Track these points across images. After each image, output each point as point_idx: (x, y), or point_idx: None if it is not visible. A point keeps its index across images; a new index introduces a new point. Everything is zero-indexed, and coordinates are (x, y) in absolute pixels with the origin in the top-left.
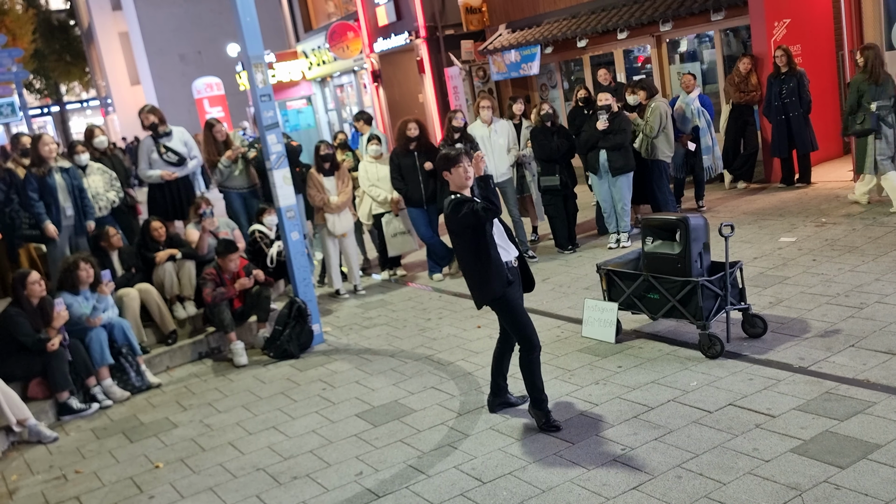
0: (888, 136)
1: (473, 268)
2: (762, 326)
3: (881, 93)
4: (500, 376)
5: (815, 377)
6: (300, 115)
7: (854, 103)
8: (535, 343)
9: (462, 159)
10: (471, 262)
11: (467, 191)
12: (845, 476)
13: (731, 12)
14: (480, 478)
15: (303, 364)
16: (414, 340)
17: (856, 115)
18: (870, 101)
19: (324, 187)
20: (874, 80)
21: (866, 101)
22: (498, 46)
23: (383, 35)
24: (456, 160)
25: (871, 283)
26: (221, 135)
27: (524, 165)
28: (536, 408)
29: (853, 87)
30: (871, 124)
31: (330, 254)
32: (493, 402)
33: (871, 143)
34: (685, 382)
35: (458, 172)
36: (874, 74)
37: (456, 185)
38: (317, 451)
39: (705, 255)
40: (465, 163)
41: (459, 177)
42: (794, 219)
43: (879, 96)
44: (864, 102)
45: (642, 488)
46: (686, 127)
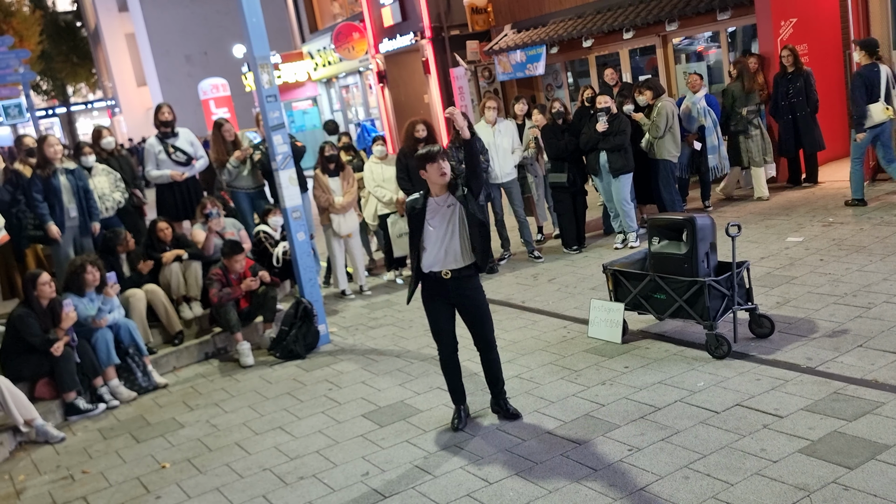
0: (755, 137)
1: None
2: (769, 326)
3: (750, 99)
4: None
5: (822, 377)
6: (306, 116)
7: (729, 108)
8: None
9: (439, 157)
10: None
11: (441, 188)
12: (854, 477)
13: (738, 12)
14: (487, 478)
15: (309, 364)
16: (420, 341)
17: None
18: (741, 107)
19: (329, 188)
20: (745, 89)
21: (738, 107)
22: (503, 47)
23: (389, 36)
24: (433, 158)
25: (879, 283)
26: (230, 135)
27: (526, 167)
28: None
29: (727, 94)
30: (741, 126)
31: (335, 254)
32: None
33: (742, 143)
34: (692, 383)
35: (433, 169)
36: (745, 84)
37: (431, 181)
38: (323, 451)
39: (712, 255)
40: (442, 161)
41: (434, 174)
42: (801, 218)
43: (748, 103)
44: (736, 108)
45: (649, 489)
46: (692, 126)
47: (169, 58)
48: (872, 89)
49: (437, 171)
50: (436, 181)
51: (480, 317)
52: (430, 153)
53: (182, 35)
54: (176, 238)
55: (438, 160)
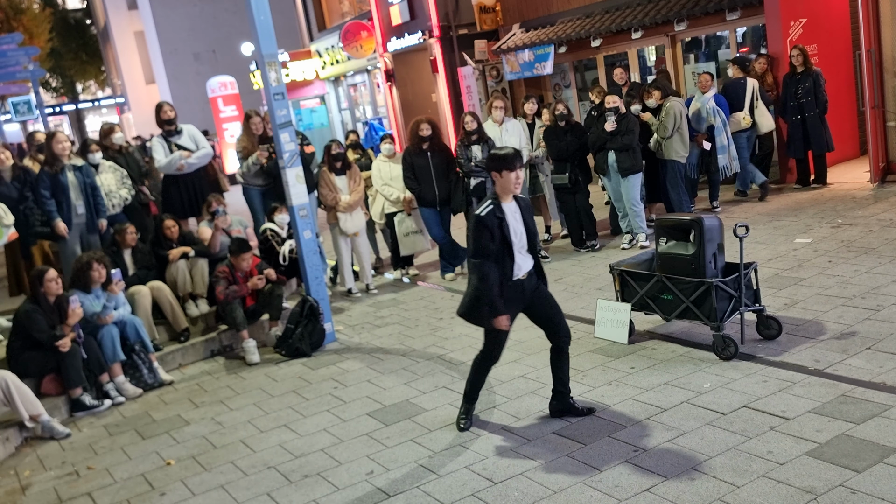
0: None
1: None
2: (777, 328)
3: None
4: (557, 381)
5: (830, 380)
6: (313, 115)
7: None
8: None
9: (517, 164)
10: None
11: (509, 197)
12: (861, 480)
13: (747, 12)
14: (492, 478)
15: (314, 363)
16: (426, 340)
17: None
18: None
19: (335, 186)
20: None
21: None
22: (511, 46)
23: (397, 34)
24: (511, 164)
25: (887, 286)
26: (258, 128)
27: (537, 166)
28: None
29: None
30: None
31: (342, 253)
32: (553, 407)
33: None
34: (699, 384)
35: (508, 178)
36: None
37: (501, 188)
38: (328, 449)
39: (720, 255)
40: (519, 169)
41: (509, 182)
42: (809, 220)
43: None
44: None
45: (655, 490)
46: (701, 126)
47: (177, 56)
48: (737, 101)
49: (514, 179)
50: (511, 190)
51: (557, 305)
52: (509, 158)
53: (191, 33)
54: (182, 235)
55: (517, 169)
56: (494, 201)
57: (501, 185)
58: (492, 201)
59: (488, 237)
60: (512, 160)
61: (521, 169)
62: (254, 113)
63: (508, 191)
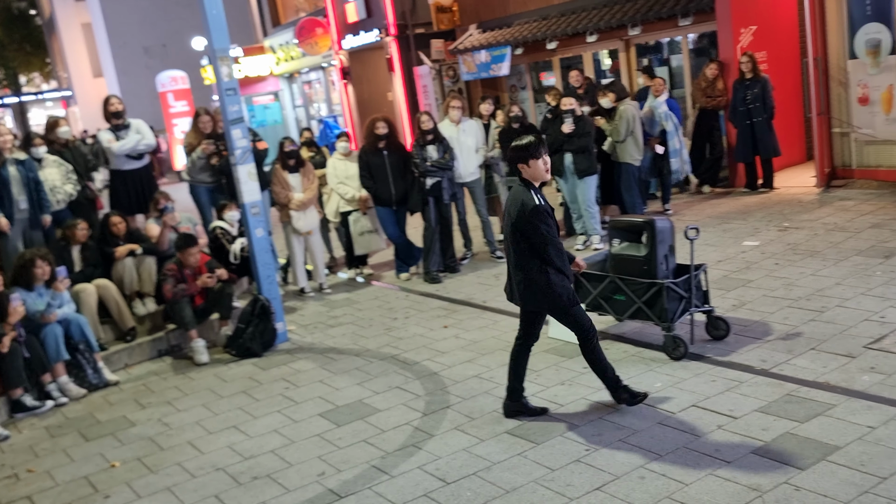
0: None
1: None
2: (725, 329)
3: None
4: (517, 379)
5: (776, 379)
6: (267, 111)
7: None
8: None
9: (543, 150)
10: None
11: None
12: (805, 477)
13: (699, 18)
14: (444, 478)
15: (266, 363)
16: (380, 340)
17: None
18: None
19: (288, 184)
20: None
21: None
22: (468, 46)
23: (353, 32)
24: (536, 151)
25: (831, 287)
26: (206, 126)
27: (492, 167)
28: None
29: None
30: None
31: (295, 252)
32: (508, 407)
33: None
34: (650, 383)
35: (536, 166)
36: None
37: (532, 177)
38: (278, 450)
39: (671, 257)
40: (545, 154)
41: (538, 170)
42: (757, 223)
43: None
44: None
45: (605, 489)
46: (654, 130)
47: (126, 49)
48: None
49: (541, 167)
50: (543, 177)
51: None
52: (532, 146)
53: (140, 26)
54: (129, 232)
55: (544, 154)
56: (534, 189)
57: (532, 174)
58: (532, 190)
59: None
60: (536, 147)
61: (546, 154)
62: (203, 111)
63: (540, 178)
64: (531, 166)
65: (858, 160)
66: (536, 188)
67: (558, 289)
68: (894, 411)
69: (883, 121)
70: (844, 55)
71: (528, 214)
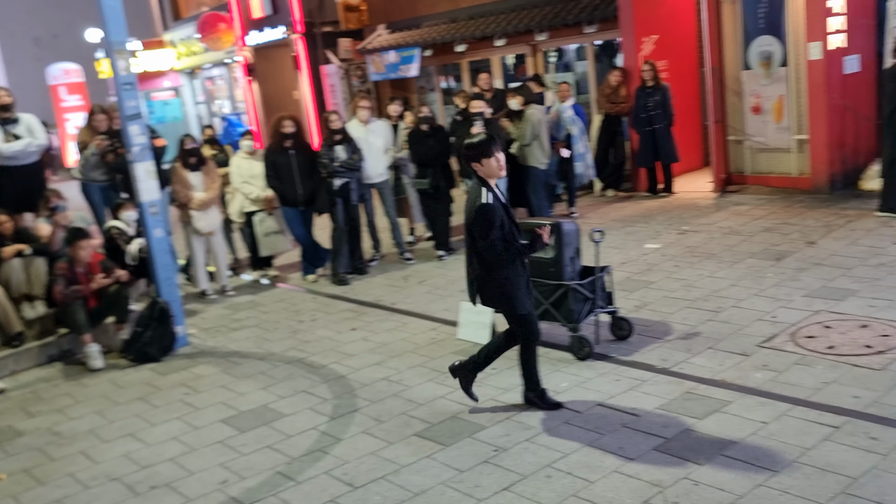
0: None
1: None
2: (628, 329)
3: None
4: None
5: (676, 377)
6: (167, 108)
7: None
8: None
9: (494, 148)
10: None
11: (493, 182)
12: (704, 472)
13: (603, 26)
14: (352, 483)
15: (165, 368)
16: (285, 343)
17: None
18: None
19: (189, 183)
20: None
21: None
22: (377, 46)
23: (257, 28)
24: (488, 149)
25: (727, 289)
26: (100, 124)
27: (401, 168)
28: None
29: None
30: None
31: (196, 253)
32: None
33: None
34: (556, 383)
35: (489, 164)
36: None
37: (486, 174)
38: (178, 458)
39: (577, 259)
40: (497, 151)
41: (491, 167)
42: (658, 226)
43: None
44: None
45: (513, 489)
46: (560, 134)
47: (14, 39)
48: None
49: (496, 163)
50: (497, 174)
51: None
52: (484, 144)
53: (30, 15)
54: (17, 232)
55: (496, 153)
56: (487, 187)
57: (486, 172)
58: (485, 188)
59: (499, 223)
60: (487, 145)
61: (500, 153)
62: (98, 109)
63: (494, 176)
64: (484, 165)
65: (752, 167)
66: (490, 186)
67: (506, 289)
68: (786, 407)
69: (774, 129)
70: (739, 66)
71: (475, 212)
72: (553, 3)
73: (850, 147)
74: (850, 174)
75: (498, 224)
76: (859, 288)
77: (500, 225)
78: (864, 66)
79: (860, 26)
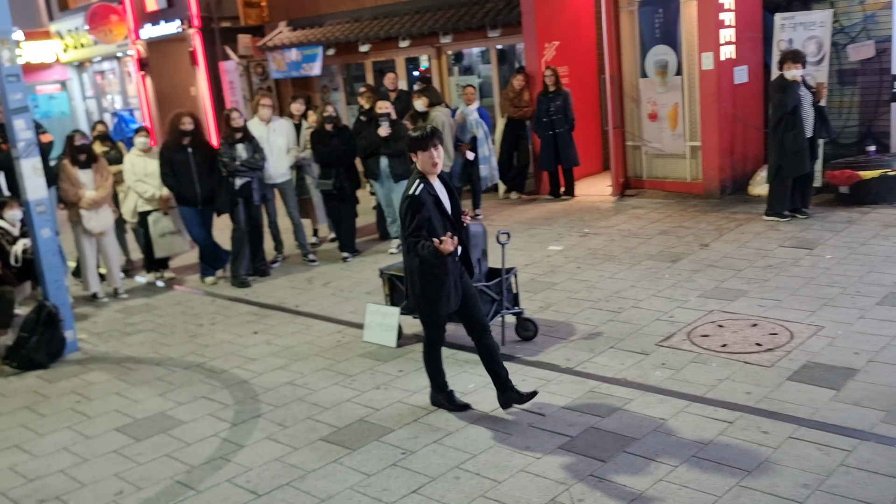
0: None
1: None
2: (533, 329)
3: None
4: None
5: (580, 377)
6: (53, 102)
7: None
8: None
9: (430, 143)
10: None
11: (433, 176)
12: (607, 468)
13: (507, 30)
14: (256, 490)
15: (53, 375)
16: (183, 348)
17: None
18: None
19: (79, 181)
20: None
21: None
22: (278, 44)
23: (151, 21)
24: (423, 143)
25: (627, 290)
26: None
27: (304, 168)
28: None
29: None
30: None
31: (86, 254)
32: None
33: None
34: (464, 384)
35: (423, 158)
36: None
37: (421, 168)
38: (69, 470)
39: (483, 261)
40: (433, 148)
41: (424, 162)
42: (560, 228)
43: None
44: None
45: (422, 491)
46: (465, 136)
47: None
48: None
49: (429, 159)
50: (429, 170)
51: (476, 296)
52: (419, 139)
53: None
54: None
55: (430, 148)
56: (423, 179)
57: (420, 164)
58: (420, 179)
59: (426, 215)
60: (422, 140)
61: (436, 148)
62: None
63: (427, 171)
64: (418, 157)
65: (648, 171)
66: (426, 178)
67: (425, 284)
68: (684, 403)
69: (670, 136)
70: (637, 74)
71: (402, 202)
72: (457, 7)
73: (739, 154)
74: (740, 180)
75: (426, 217)
76: (749, 288)
77: (427, 218)
78: (751, 76)
79: (748, 39)
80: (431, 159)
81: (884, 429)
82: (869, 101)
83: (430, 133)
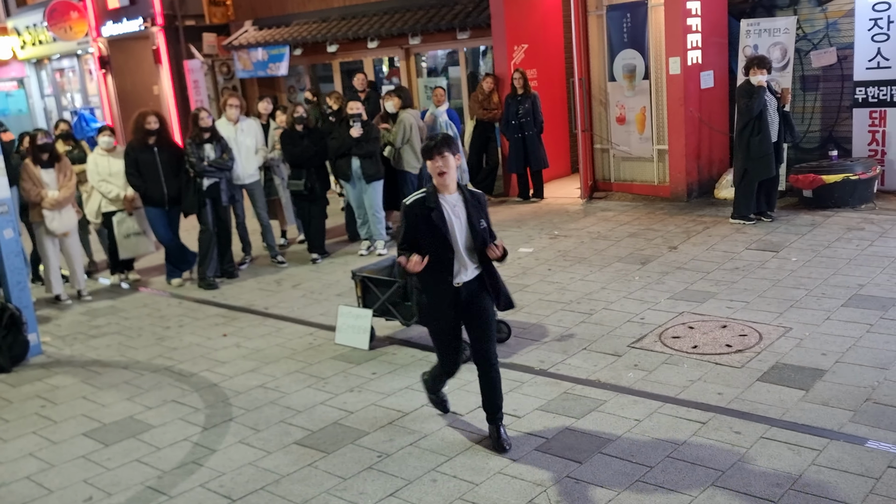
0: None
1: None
2: (507, 331)
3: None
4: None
5: (554, 378)
6: (9, 99)
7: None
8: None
9: (435, 152)
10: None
11: (449, 188)
12: (583, 470)
13: (476, 33)
14: (230, 495)
15: (16, 379)
16: (151, 350)
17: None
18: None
19: (41, 181)
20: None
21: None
22: (244, 43)
23: (113, 19)
24: (429, 152)
25: (598, 291)
26: None
27: (273, 168)
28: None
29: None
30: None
31: (48, 255)
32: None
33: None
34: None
35: (429, 167)
36: None
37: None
38: (35, 476)
39: None
40: (440, 159)
41: (432, 173)
42: (530, 231)
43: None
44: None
45: (399, 494)
46: None
47: None
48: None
49: (433, 168)
50: (437, 182)
51: (487, 329)
52: (428, 148)
53: None
54: None
55: (435, 157)
56: (429, 190)
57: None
58: (425, 190)
59: (413, 226)
60: (427, 150)
61: (443, 157)
62: None
63: (437, 182)
64: (428, 165)
65: (616, 174)
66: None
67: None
68: (657, 404)
69: (637, 139)
70: (605, 77)
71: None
72: (426, 8)
73: (705, 158)
74: (706, 183)
75: (411, 227)
76: (718, 290)
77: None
78: (717, 81)
79: (714, 44)
80: (437, 169)
81: (852, 428)
82: (831, 107)
83: (440, 141)
